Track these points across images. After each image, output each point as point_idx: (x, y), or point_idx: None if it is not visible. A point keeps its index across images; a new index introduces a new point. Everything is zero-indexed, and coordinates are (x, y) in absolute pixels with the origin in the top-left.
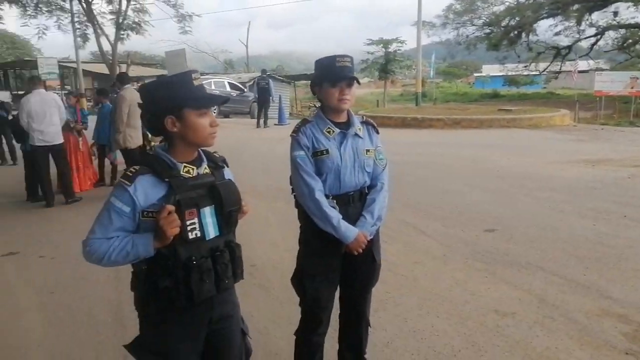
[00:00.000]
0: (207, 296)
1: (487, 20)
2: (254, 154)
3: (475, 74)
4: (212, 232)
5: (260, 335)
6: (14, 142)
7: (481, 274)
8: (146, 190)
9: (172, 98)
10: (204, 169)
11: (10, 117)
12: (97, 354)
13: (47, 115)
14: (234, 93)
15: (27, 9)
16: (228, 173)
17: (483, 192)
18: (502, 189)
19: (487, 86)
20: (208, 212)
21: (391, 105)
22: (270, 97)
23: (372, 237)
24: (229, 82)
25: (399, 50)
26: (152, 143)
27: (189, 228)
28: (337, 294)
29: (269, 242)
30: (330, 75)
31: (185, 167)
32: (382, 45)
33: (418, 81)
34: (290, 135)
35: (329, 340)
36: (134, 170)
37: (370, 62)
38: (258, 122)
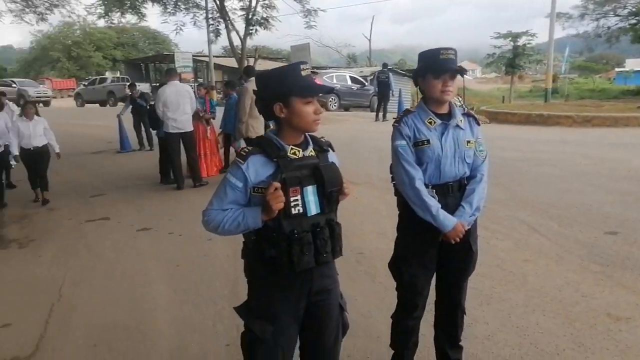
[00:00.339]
0: (306, 267)
1: (634, 9)
2: (370, 146)
3: (617, 69)
4: (313, 209)
5: (362, 318)
6: (150, 129)
7: (596, 276)
8: (257, 168)
9: (281, 86)
10: (310, 151)
11: (148, 107)
12: (214, 322)
13: (180, 104)
14: (355, 87)
15: (167, 7)
16: (332, 157)
17: (607, 193)
18: (629, 191)
19: (629, 82)
20: (310, 191)
21: (518, 101)
22: (390, 91)
23: (469, 227)
24: (350, 76)
25: (528, 44)
26: None
27: (292, 204)
28: (434, 281)
29: (378, 232)
30: (434, 67)
31: (292, 149)
32: (510, 38)
33: (548, 76)
34: (393, 125)
35: (426, 325)
36: (247, 151)
37: (496, 57)
38: (377, 116)
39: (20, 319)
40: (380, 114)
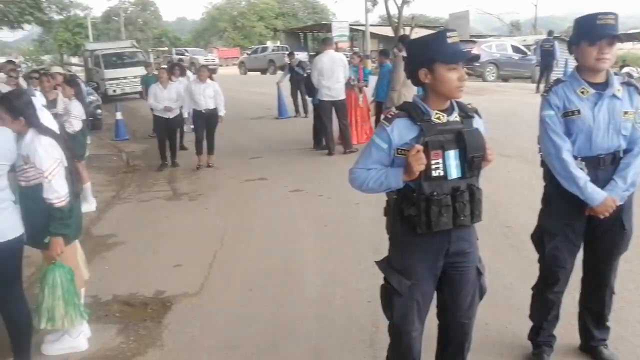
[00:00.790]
0: (443, 228)
1: None
2: (527, 119)
3: None
4: (454, 173)
5: (504, 289)
6: (307, 97)
7: None
8: (401, 131)
9: (426, 52)
10: (454, 117)
11: (305, 75)
12: (357, 279)
13: (334, 73)
14: (516, 56)
15: None
16: (478, 123)
17: None
18: None
19: None
20: (452, 155)
21: None
22: (554, 61)
23: (622, 202)
24: (511, 45)
25: None
26: None
27: (433, 167)
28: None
29: (527, 207)
30: (589, 33)
31: (436, 114)
32: None
33: None
34: (541, 95)
35: (570, 300)
36: (393, 114)
37: None
38: (537, 87)
39: (189, 261)
40: (542, 86)
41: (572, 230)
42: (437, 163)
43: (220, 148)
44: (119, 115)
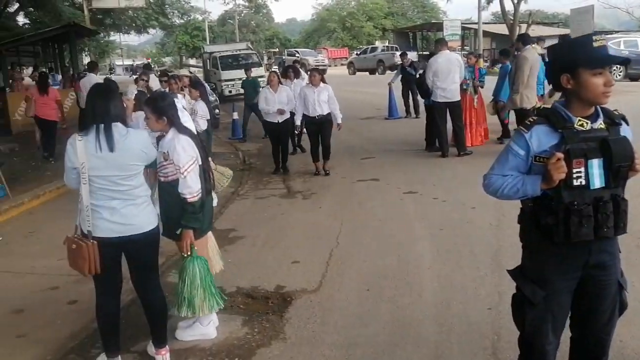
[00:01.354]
0: (583, 239)
1: None
2: None
3: None
4: (597, 182)
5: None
6: (418, 97)
7: None
8: (540, 137)
9: (569, 57)
10: (599, 124)
11: (417, 76)
12: (476, 285)
13: (450, 74)
14: None
15: None
16: (625, 130)
17: None
18: None
19: None
20: (596, 164)
21: None
22: None
23: None
24: None
25: None
26: (542, 105)
27: (574, 175)
28: None
29: None
30: None
31: (579, 120)
32: None
33: None
34: None
35: None
36: (532, 120)
37: None
38: None
39: (306, 258)
40: None
41: None
42: (579, 172)
43: (332, 148)
44: (235, 115)
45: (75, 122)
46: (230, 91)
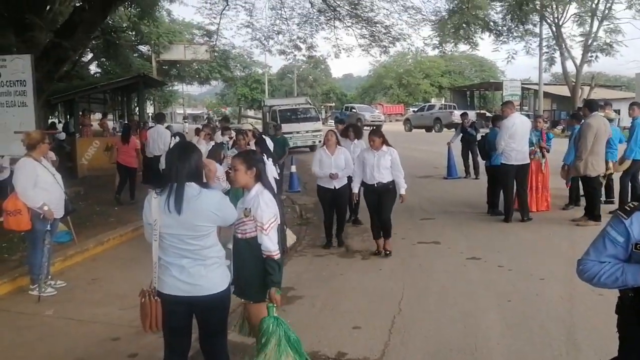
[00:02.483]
0: None
1: None
2: None
3: None
4: None
5: None
6: (479, 158)
7: None
8: None
9: None
10: None
11: (479, 137)
12: None
13: (524, 136)
14: None
15: (501, 35)
16: None
17: None
18: None
19: None
20: None
21: None
22: None
23: None
24: None
25: None
26: (611, 172)
27: None
28: None
29: None
30: None
31: None
32: None
33: None
34: None
35: None
36: (632, 206)
37: None
38: None
39: (367, 324)
40: None
41: None
42: None
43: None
44: (293, 169)
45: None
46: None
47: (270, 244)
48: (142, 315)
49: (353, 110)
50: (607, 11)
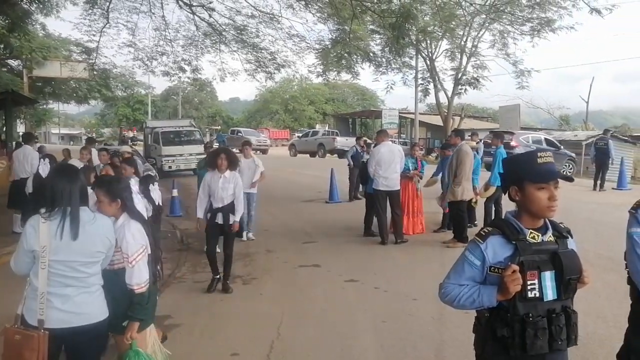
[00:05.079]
0: (539, 352)
1: None
2: (585, 218)
3: None
4: (550, 294)
5: None
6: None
7: None
8: (495, 248)
9: (516, 171)
10: (549, 237)
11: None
12: None
13: (392, 164)
14: (550, 150)
15: (380, 66)
16: (572, 243)
17: None
18: None
19: None
20: (548, 276)
21: None
22: (610, 160)
23: None
24: (545, 139)
25: None
26: (477, 199)
27: (529, 287)
28: None
29: (596, 315)
30: None
31: (531, 233)
32: None
33: None
34: (629, 212)
35: None
36: (487, 231)
37: None
38: (595, 185)
39: (245, 350)
40: (599, 183)
41: None
42: (533, 284)
43: (273, 230)
44: (174, 192)
45: (3, 192)
46: (170, 167)
47: (134, 277)
48: (24, 353)
49: (239, 133)
50: (474, 49)
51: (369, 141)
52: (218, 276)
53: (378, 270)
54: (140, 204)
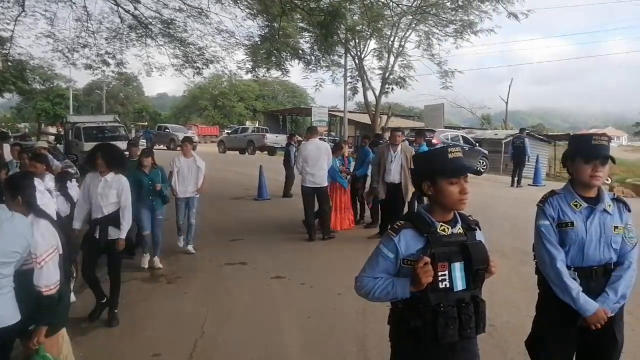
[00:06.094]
0: (449, 340)
1: None
2: (502, 212)
3: None
4: (459, 285)
5: None
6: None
7: None
8: (408, 241)
9: (429, 166)
10: (458, 229)
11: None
12: None
13: (319, 160)
14: (466, 147)
15: (310, 64)
16: (479, 235)
17: None
18: None
19: None
20: (458, 267)
21: None
22: (526, 157)
23: (613, 314)
24: (462, 136)
25: None
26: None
27: (440, 278)
28: None
29: (510, 305)
30: (585, 151)
31: (441, 225)
32: None
33: None
34: (537, 205)
35: None
36: (400, 224)
37: None
38: (513, 181)
39: (168, 350)
40: (516, 179)
41: (565, 340)
42: (444, 275)
43: (199, 228)
44: None
45: None
46: None
47: (42, 279)
48: None
49: (167, 130)
50: (401, 48)
51: (299, 138)
52: (104, 300)
53: (305, 267)
54: (52, 202)
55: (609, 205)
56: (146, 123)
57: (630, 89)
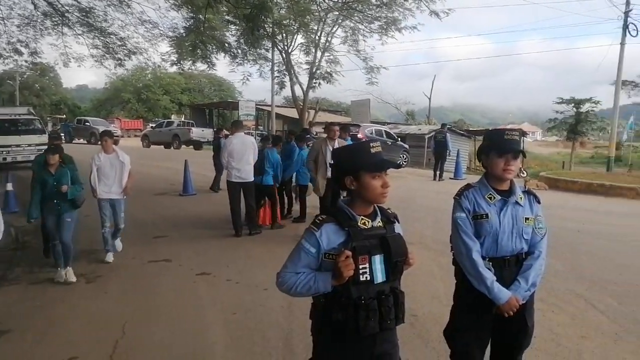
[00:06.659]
0: (371, 332)
1: None
2: (425, 205)
3: None
4: (379, 277)
5: None
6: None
7: None
8: (329, 235)
9: (352, 161)
10: (378, 222)
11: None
12: None
13: (244, 155)
14: (389, 142)
15: (236, 57)
16: (398, 227)
17: None
18: None
19: None
20: (378, 260)
21: (579, 168)
22: (447, 151)
23: (524, 301)
24: (385, 131)
25: (592, 110)
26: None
27: (360, 271)
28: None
29: (431, 295)
30: (499, 146)
31: (362, 219)
32: (573, 105)
33: (612, 144)
34: (454, 198)
35: None
36: (321, 219)
37: (558, 122)
38: (435, 175)
39: (86, 352)
40: (438, 173)
41: (481, 327)
42: (364, 268)
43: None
44: (9, 186)
45: None
46: (4, 158)
47: None
48: None
49: (87, 123)
50: (327, 44)
51: (227, 132)
52: None
53: (230, 263)
54: None
55: (521, 198)
56: (64, 116)
57: (544, 86)
